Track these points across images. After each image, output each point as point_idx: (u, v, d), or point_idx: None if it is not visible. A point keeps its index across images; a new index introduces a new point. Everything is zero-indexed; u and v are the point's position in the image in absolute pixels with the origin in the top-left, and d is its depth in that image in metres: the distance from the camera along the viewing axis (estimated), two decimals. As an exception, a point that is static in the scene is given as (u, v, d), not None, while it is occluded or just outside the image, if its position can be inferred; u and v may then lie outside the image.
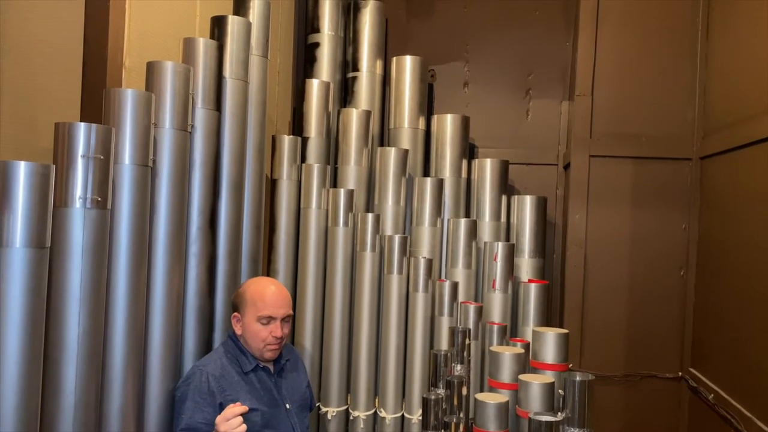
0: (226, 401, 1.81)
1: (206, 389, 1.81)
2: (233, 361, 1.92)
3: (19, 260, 1.23)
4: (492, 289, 2.71)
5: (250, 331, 1.92)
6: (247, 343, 1.93)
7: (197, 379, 1.82)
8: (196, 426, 1.78)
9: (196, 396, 1.80)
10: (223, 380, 1.85)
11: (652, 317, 2.74)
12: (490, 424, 2.01)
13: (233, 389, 1.86)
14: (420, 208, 2.80)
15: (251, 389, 1.90)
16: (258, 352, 1.93)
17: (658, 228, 2.77)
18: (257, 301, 1.91)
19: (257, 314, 1.90)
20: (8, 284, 1.23)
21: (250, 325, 1.91)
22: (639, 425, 2.71)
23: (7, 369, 1.23)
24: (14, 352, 1.23)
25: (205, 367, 1.86)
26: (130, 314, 1.59)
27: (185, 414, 1.78)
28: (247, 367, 1.92)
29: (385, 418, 2.63)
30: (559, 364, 2.11)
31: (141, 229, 1.62)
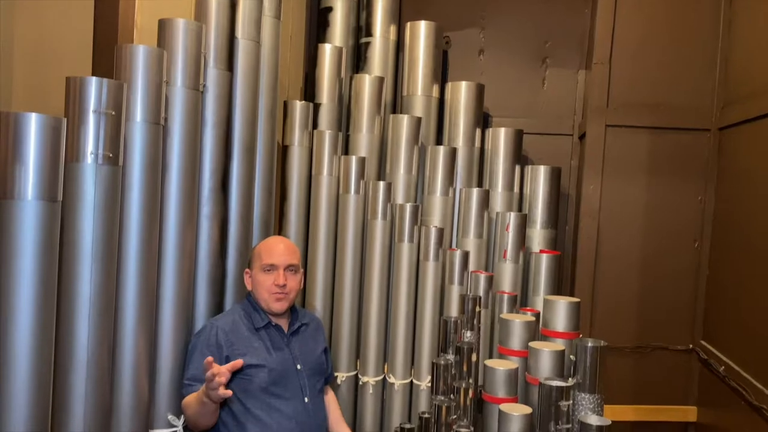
0: (233, 355, 1.84)
1: (214, 342, 1.85)
2: (246, 318, 1.96)
3: (32, 213, 1.23)
4: (503, 259, 2.70)
5: (257, 282, 1.97)
6: (257, 296, 1.98)
7: (207, 332, 1.87)
8: (201, 376, 1.79)
9: (204, 348, 1.84)
10: (232, 335, 1.89)
11: (664, 289, 2.72)
12: (499, 390, 2.02)
13: (241, 344, 1.88)
14: (432, 177, 2.78)
15: (261, 346, 1.93)
16: (265, 304, 1.97)
17: (673, 200, 2.73)
18: (262, 252, 1.99)
19: (261, 264, 1.96)
20: (21, 237, 1.23)
21: (257, 276, 1.97)
22: (648, 397, 2.70)
23: (20, 320, 1.24)
24: (27, 305, 1.24)
25: (217, 321, 1.91)
26: (142, 272, 1.60)
27: (192, 364, 1.83)
28: (258, 323, 1.95)
29: (394, 383, 2.65)
30: (569, 332, 2.10)
31: (153, 188, 1.61)
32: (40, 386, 1.29)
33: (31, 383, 1.26)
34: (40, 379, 1.28)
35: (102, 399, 1.48)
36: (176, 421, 1.83)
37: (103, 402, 1.49)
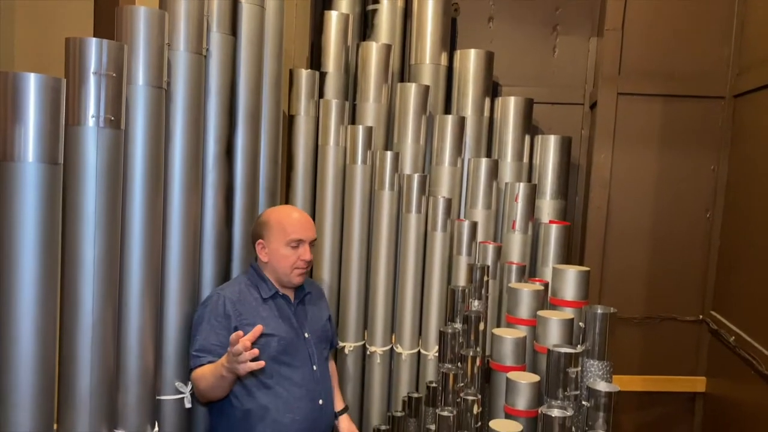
0: (241, 325, 1.82)
1: (222, 312, 1.83)
2: (253, 287, 1.93)
3: (33, 175, 1.22)
4: (512, 229, 2.67)
5: (279, 257, 1.92)
6: (274, 269, 1.94)
7: (214, 302, 1.84)
8: (210, 348, 1.80)
9: (211, 319, 1.82)
10: (240, 305, 1.86)
11: (674, 260, 2.69)
12: (507, 358, 2.01)
13: (250, 314, 1.86)
14: (440, 146, 2.74)
15: (269, 315, 1.91)
16: (286, 278, 1.94)
17: (685, 169, 2.68)
18: (286, 226, 1.92)
19: (286, 239, 1.91)
20: (22, 199, 1.22)
21: (279, 250, 1.91)
22: (657, 367, 2.69)
23: (23, 283, 1.23)
24: (30, 267, 1.23)
25: (223, 291, 1.88)
26: (146, 238, 1.59)
27: (200, 335, 1.81)
28: (266, 293, 1.93)
29: (402, 353, 2.65)
30: (578, 301, 2.08)
31: (156, 153, 1.59)
32: (45, 350, 1.29)
33: (36, 347, 1.27)
34: (44, 344, 1.28)
35: (108, 365, 1.48)
36: (184, 388, 1.83)
37: (110, 368, 1.50)
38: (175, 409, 1.80)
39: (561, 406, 1.54)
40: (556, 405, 1.55)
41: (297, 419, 1.89)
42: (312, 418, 1.94)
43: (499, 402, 2.01)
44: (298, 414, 1.90)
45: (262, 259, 1.95)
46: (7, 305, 1.25)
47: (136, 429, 1.63)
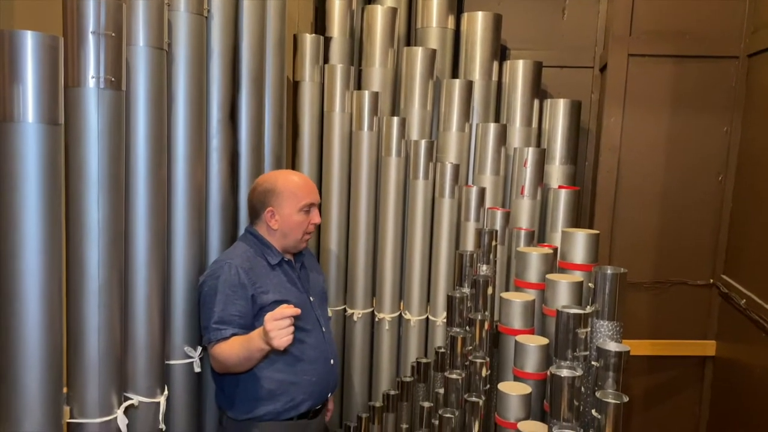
0: (257, 293, 1.81)
1: (237, 281, 1.79)
2: (259, 255, 1.89)
3: (33, 136, 1.20)
4: (520, 195, 2.65)
5: (292, 223, 1.90)
6: (285, 235, 1.91)
7: (227, 272, 1.79)
8: (229, 319, 1.77)
9: (226, 289, 1.77)
10: (252, 273, 1.84)
11: (685, 224, 2.66)
12: (516, 322, 2.00)
13: (262, 282, 1.85)
14: (447, 111, 2.70)
15: (279, 282, 1.90)
16: (295, 243, 1.93)
17: (697, 131, 2.63)
18: (296, 191, 1.89)
19: (299, 204, 1.89)
20: (24, 160, 1.20)
21: (292, 216, 1.89)
22: (666, 331, 2.68)
23: (27, 246, 1.22)
24: (34, 228, 1.22)
25: (233, 260, 1.83)
26: (151, 201, 1.57)
27: (217, 307, 1.76)
28: (273, 260, 1.91)
29: (410, 320, 2.65)
30: (588, 264, 2.06)
31: (159, 115, 1.57)
32: (52, 314, 1.29)
33: (42, 310, 1.26)
34: (51, 307, 1.28)
35: (115, 329, 1.48)
36: (192, 353, 1.84)
37: (117, 332, 1.50)
38: (185, 373, 1.81)
39: (570, 367, 1.53)
40: (565, 366, 1.54)
41: (313, 380, 1.92)
42: (326, 378, 1.97)
43: (508, 365, 2.01)
44: (314, 375, 1.92)
45: (272, 227, 1.91)
46: (11, 269, 1.24)
47: (145, 393, 1.64)
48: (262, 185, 1.92)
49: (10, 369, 1.26)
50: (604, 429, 1.45)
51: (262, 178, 1.97)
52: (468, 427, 1.83)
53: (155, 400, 1.66)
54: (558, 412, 1.50)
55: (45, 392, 1.27)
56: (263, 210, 1.90)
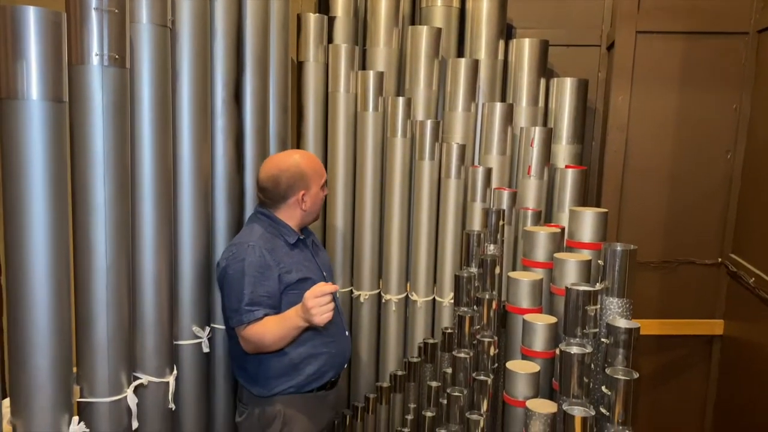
0: (282, 273, 1.84)
1: (264, 263, 1.80)
2: (276, 236, 1.90)
3: (38, 113, 1.19)
4: (527, 175, 2.63)
5: (318, 200, 1.98)
6: (309, 213, 1.96)
7: (252, 254, 1.80)
8: (259, 300, 1.78)
9: (253, 271, 1.78)
10: (275, 253, 1.85)
11: (693, 202, 2.64)
12: (523, 301, 1.99)
13: (285, 262, 1.87)
14: (453, 91, 2.67)
15: (299, 260, 1.93)
16: (311, 219, 2.00)
17: (706, 109, 2.60)
18: (318, 169, 1.96)
19: (321, 181, 1.97)
20: (29, 138, 1.19)
21: (318, 194, 1.96)
22: (674, 311, 2.67)
23: (34, 225, 1.22)
24: (40, 207, 1.22)
25: (255, 242, 1.83)
26: (157, 181, 1.56)
27: (246, 289, 1.77)
28: (291, 239, 1.93)
29: (417, 301, 2.64)
30: (596, 243, 2.05)
31: (164, 94, 1.56)
32: (60, 293, 1.28)
33: (50, 289, 1.26)
34: (59, 286, 1.28)
35: (124, 308, 1.48)
36: (201, 333, 1.84)
37: (126, 311, 1.50)
38: (193, 353, 1.81)
39: (580, 344, 1.53)
40: (574, 343, 1.54)
41: (333, 352, 1.97)
42: (343, 349, 2.02)
43: (516, 344, 2.01)
44: (334, 347, 1.97)
45: (303, 209, 1.93)
46: (19, 248, 1.24)
47: (155, 373, 1.64)
48: (288, 170, 1.89)
49: (20, 348, 1.26)
50: (615, 406, 1.45)
51: (279, 164, 1.91)
52: (476, 405, 1.83)
53: (164, 379, 1.66)
54: (568, 389, 1.49)
55: (55, 370, 1.28)
56: (293, 195, 1.90)
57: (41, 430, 1.28)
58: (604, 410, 1.47)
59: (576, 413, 1.42)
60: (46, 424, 1.28)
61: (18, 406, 1.29)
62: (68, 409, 1.34)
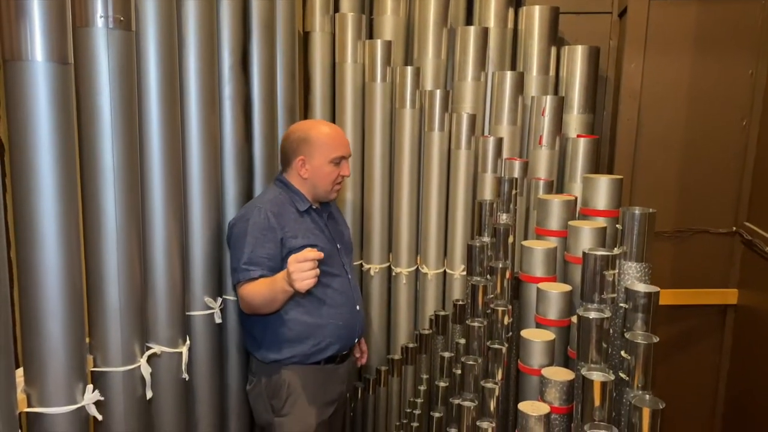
0: (286, 237, 1.84)
1: (267, 225, 1.82)
2: (288, 202, 1.92)
3: (43, 75, 1.16)
4: (538, 145, 2.59)
5: (322, 174, 1.93)
6: (314, 185, 1.94)
7: (256, 216, 1.83)
8: (258, 261, 1.80)
9: (256, 232, 1.80)
10: (281, 218, 1.86)
11: (708, 170, 2.59)
12: (537, 270, 1.97)
13: (291, 227, 1.88)
14: (462, 60, 2.62)
15: (308, 228, 1.93)
16: (324, 194, 1.97)
17: (721, 75, 2.55)
18: (328, 143, 1.92)
19: (330, 156, 1.92)
20: (35, 100, 1.16)
21: (322, 167, 1.92)
22: (688, 281, 2.64)
23: (42, 190, 1.19)
24: (48, 171, 1.19)
25: (264, 205, 1.86)
26: (165, 148, 1.54)
27: (246, 249, 1.79)
28: (302, 206, 1.93)
29: (427, 273, 2.62)
30: (611, 210, 2.02)
31: (170, 58, 1.52)
32: (71, 260, 1.26)
33: (60, 257, 1.24)
34: (69, 251, 1.25)
35: (135, 277, 1.46)
36: (213, 304, 1.83)
37: (137, 281, 1.48)
38: (206, 324, 1.80)
39: (598, 309, 1.50)
40: (592, 308, 1.51)
41: (339, 324, 1.96)
42: (352, 323, 2.01)
43: (529, 314, 1.99)
44: (340, 319, 1.96)
45: (302, 176, 1.93)
46: (27, 213, 1.21)
47: (168, 344, 1.63)
48: (295, 133, 1.94)
49: (31, 315, 1.25)
50: (634, 370, 1.43)
51: (295, 126, 1.99)
52: (491, 374, 1.81)
53: (178, 350, 1.65)
54: (586, 354, 1.47)
55: (68, 337, 1.26)
56: (294, 158, 1.92)
57: (56, 398, 1.27)
58: (624, 375, 1.45)
59: (595, 378, 1.40)
60: (61, 393, 1.27)
61: (31, 375, 1.28)
62: (82, 377, 1.32)
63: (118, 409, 1.44)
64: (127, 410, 1.46)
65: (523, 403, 1.69)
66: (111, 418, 1.44)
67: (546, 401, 1.68)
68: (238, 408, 2.05)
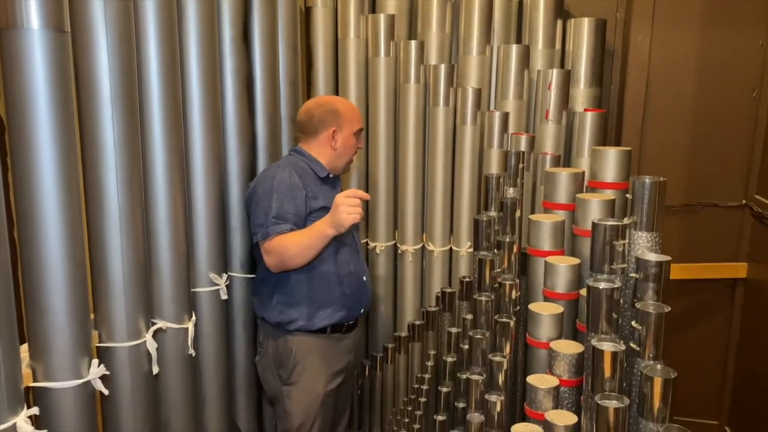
0: (308, 197, 1.88)
1: (293, 183, 1.86)
2: (306, 169, 1.95)
3: (39, 43, 1.13)
4: (545, 119, 2.55)
5: (348, 145, 2.01)
6: (339, 156, 2.00)
7: (281, 174, 1.85)
8: (286, 215, 1.82)
9: (282, 188, 1.83)
10: (304, 178, 1.90)
11: (717, 144, 2.56)
12: (545, 243, 1.94)
13: (313, 188, 1.92)
14: (467, 34, 2.58)
15: (327, 193, 1.97)
16: (343, 165, 2.04)
17: (730, 45, 2.50)
18: (355, 115, 2.03)
19: (355, 128, 2.02)
20: (31, 69, 1.14)
21: (349, 138, 2.00)
22: (697, 255, 2.61)
23: (42, 162, 1.17)
24: (47, 143, 1.17)
25: (286, 165, 1.89)
26: (167, 120, 1.51)
27: (275, 203, 1.81)
28: (321, 173, 1.98)
29: (433, 251, 2.60)
30: (620, 182, 1.98)
31: (170, 28, 1.49)
32: (73, 230, 1.24)
33: (62, 230, 1.22)
34: (72, 224, 1.23)
35: (139, 251, 1.45)
36: (218, 280, 1.81)
37: (141, 256, 1.46)
38: (212, 300, 1.78)
39: (608, 279, 1.48)
40: (602, 279, 1.49)
41: (346, 292, 1.98)
42: (359, 293, 2.03)
43: (537, 289, 1.97)
44: (348, 287, 1.98)
45: (332, 147, 1.98)
46: (27, 186, 1.19)
47: (173, 319, 1.62)
48: (324, 106, 1.99)
49: (35, 290, 1.23)
50: (645, 340, 1.41)
51: (318, 99, 2.06)
52: (499, 348, 1.80)
53: (183, 326, 1.64)
54: (596, 325, 1.45)
55: (72, 311, 1.25)
56: (325, 129, 1.97)
57: (61, 372, 1.26)
58: (634, 346, 1.43)
59: (606, 348, 1.38)
60: (66, 367, 1.26)
61: (36, 350, 1.27)
62: (87, 351, 1.31)
63: (125, 384, 1.44)
64: (133, 386, 1.45)
65: (532, 376, 1.68)
66: (118, 394, 1.44)
67: (555, 374, 1.67)
68: (245, 384, 2.05)
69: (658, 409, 1.33)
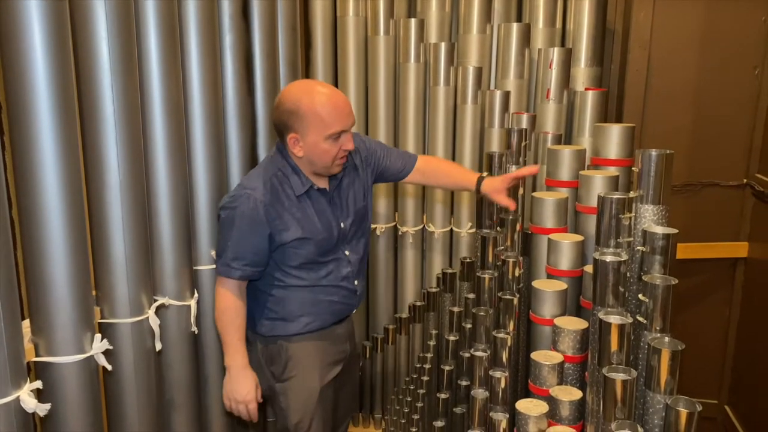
0: (276, 231, 1.67)
1: (255, 218, 1.64)
2: (284, 183, 1.69)
3: (36, 9, 1.10)
4: (546, 99, 2.53)
5: (318, 152, 1.64)
6: (311, 162, 1.68)
7: (244, 205, 1.63)
8: (242, 255, 1.66)
9: (243, 224, 1.63)
10: (272, 208, 1.66)
11: (718, 122, 2.54)
12: (548, 221, 1.94)
13: (283, 218, 1.68)
14: (467, 12, 2.55)
15: (303, 216, 1.71)
16: (325, 170, 1.71)
17: (733, 22, 2.48)
18: (323, 117, 1.60)
19: (326, 133, 1.62)
20: (29, 36, 1.11)
21: (317, 145, 1.63)
22: (697, 234, 2.61)
23: (41, 129, 1.15)
24: (46, 109, 1.14)
25: (254, 191, 1.64)
26: (167, 93, 1.49)
27: (231, 241, 1.64)
28: (299, 190, 1.70)
29: (434, 232, 2.59)
30: (623, 159, 1.98)
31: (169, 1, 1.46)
32: (73, 204, 1.22)
33: (62, 201, 1.19)
34: (71, 196, 1.21)
35: (140, 227, 1.43)
36: (219, 258, 1.79)
37: (143, 230, 1.44)
38: (214, 278, 1.76)
39: (614, 253, 1.47)
40: (608, 252, 1.48)
41: (334, 300, 1.82)
42: (347, 298, 1.86)
43: (540, 265, 1.96)
44: (335, 296, 1.82)
45: (296, 154, 1.67)
46: (26, 158, 1.17)
47: (176, 296, 1.60)
48: (284, 104, 1.64)
49: (36, 263, 1.21)
50: (652, 313, 1.40)
51: (286, 91, 1.67)
52: (502, 325, 1.79)
53: (186, 302, 1.62)
54: (603, 299, 1.45)
55: (73, 285, 1.23)
56: (286, 134, 1.66)
57: (64, 347, 1.24)
58: (641, 319, 1.42)
59: (613, 321, 1.37)
60: (69, 342, 1.25)
61: (38, 325, 1.25)
62: (90, 326, 1.30)
63: (128, 361, 1.42)
64: (136, 362, 1.43)
65: (536, 353, 1.67)
66: (121, 370, 1.42)
67: (559, 351, 1.67)
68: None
69: (666, 382, 1.33)
